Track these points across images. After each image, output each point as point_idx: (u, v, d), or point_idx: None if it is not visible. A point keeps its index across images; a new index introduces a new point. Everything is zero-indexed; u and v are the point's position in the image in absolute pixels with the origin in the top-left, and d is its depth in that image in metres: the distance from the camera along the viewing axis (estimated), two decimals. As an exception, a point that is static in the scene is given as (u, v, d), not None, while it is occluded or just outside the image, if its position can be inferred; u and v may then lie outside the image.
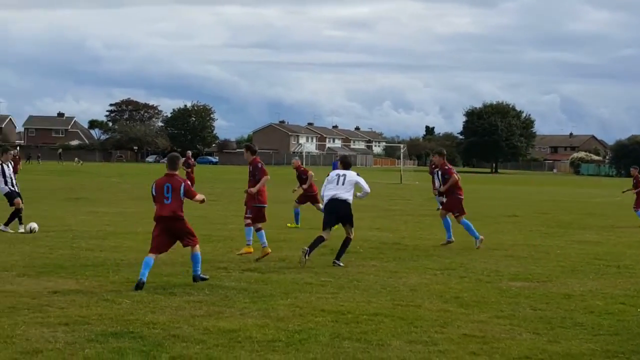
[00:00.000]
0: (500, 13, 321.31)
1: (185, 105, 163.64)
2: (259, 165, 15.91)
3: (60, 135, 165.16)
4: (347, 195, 15.73)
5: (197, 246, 12.63)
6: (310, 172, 24.12)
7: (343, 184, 15.72)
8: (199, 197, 12.86)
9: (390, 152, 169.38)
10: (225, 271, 13.86)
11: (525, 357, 8.59)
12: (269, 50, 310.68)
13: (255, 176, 15.85)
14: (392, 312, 10.69)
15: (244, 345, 8.69)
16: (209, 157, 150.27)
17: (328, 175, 16.15)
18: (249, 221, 15.78)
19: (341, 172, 16.08)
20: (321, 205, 21.16)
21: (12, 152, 27.17)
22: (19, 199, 19.78)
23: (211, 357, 8.15)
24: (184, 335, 9.06)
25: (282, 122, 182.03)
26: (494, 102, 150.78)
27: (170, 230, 12.52)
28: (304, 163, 31.94)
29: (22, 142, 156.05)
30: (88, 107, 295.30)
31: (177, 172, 12.73)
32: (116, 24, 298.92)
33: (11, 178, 20.01)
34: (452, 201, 18.92)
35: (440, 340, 9.21)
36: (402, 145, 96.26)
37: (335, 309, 10.79)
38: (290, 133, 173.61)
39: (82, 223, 22.03)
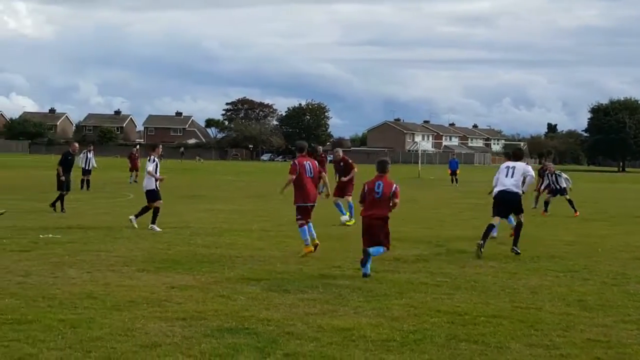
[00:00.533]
0: (628, 4, 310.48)
1: (300, 104, 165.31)
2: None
3: (178, 134, 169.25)
4: (516, 187, 16.49)
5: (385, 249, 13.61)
6: (355, 169, 23.77)
7: (512, 176, 16.49)
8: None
9: (511, 150, 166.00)
10: (339, 269, 13.90)
11: (653, 363, 8.30)
12: (382, 47, 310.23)
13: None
14: (511, 314, 10.48)
15: (358, 344, 8.69)
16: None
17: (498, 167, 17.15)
18: (302, 222, 15.80)
19: (511, 164, 16.91)
20: (350, 199, 22.68)
21: (134, 149, 28.28)
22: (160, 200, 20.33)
23: (325, 355, 8.18)
24: (298, 332, 9.13)
25: (398, 120, 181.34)
26: (622, 98, 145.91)
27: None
28: (419, 161, 31.86)
29: (142, 140, 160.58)
30: (205, 106, 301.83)
31: (387, 175, 13.68)
32: (231, 23, 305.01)
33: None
34: None
35: (562, 344, 8.97)
36: (522, 144, 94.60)
37: (452, 309, 10.67)
38: (405, 131, 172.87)
39: (199, 220, 22.51)
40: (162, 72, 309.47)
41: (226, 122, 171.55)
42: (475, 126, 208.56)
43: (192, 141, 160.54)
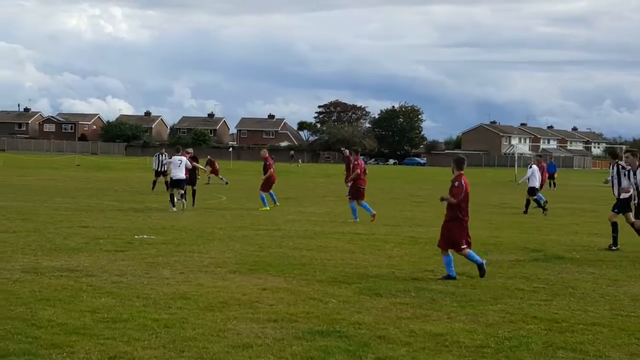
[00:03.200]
0: None
1: (393, 106, 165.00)
2: None
3: (270, 137, 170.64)
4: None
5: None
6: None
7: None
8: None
9: (612, 153, 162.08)
10: (432, 273, 13.82)
11: None
12: (478, 48, 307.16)
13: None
14: (611, 322, 10.23)
15: (451, 350, 8.62)
16: (417, 159, 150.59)
17: None
18: None
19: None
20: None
21: (188, 150, 28.70)
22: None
23: (418, 359, 8.16)
24: (389, 336, 9.10)
25: (493, 122, 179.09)
26: None
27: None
28: (515, 165, 31.33)
29: (235, 143, 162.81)
30: (297, 108, 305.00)
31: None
32: (323, 26, 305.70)
33: None
34: None
35: (664, 354, 8.73)
36: (624, 147, 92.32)
37: (549, 316, 10.48)
38: (501, 134, 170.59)
39: (290, 223, 22.65)
40: (255, 75, 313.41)
41: (318, 125, 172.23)
42: (574, 129, 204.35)
43: (284, 144, 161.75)
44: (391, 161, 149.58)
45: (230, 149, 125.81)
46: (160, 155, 36.51)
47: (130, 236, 17.81)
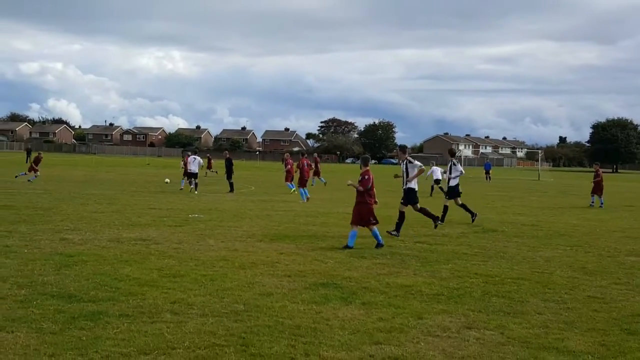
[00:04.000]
0: (619, 49, 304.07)
1: (374, 122, 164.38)
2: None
3: (286, 144, 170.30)
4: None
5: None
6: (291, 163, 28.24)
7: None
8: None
9: (531, 156, 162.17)
10: (402, 242, 13.79)
11: (637, 314, 7.97)
12: (435, 80, 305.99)
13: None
14: (530, 277, 10.23)
15: (416, 297, 8.61)
16: (391, 159, 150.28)
17: None
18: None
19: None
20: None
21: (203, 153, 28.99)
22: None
23: (392, 304, 8.12)
24: (371, 287, 9.10)
25: (446, 133, 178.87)
26: (615, 118, 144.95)
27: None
28: (462, 163, 31.36)
29: (261, 148, 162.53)
30: (305, 123, 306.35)
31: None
32: (325, 65, 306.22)
33: None
34: None
35: (568, 300, 8.72)
36: (540, 151, 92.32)
37: (486, 273, 10.47)
38: (452, 142, 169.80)
39: (302, 206, 22.63)
40: (275, 99, 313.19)
41: (320, 135, 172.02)
42: (504, 138, 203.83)
43: (296, 149, 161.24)
44: (373, 161, 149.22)
45: (257, 153, 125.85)
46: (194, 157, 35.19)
47: (185, 215, 17.81)
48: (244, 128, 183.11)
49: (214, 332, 6.59)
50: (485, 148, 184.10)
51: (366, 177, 12.84)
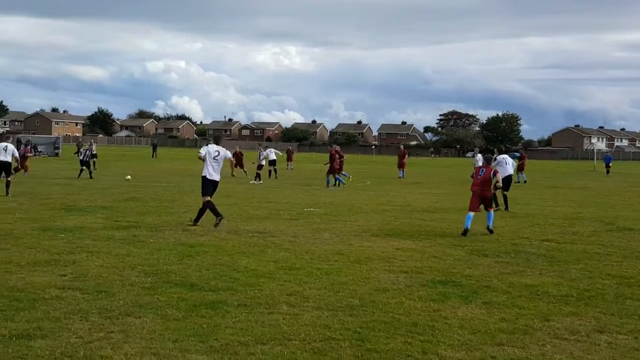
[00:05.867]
0: None
1: (497, 114, 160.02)
2: None
3: (403, 138, 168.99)
4: None
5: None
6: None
7: None
8: None
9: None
10: (528, 240, 13.35)
11: None
12: (563, 69, 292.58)
13: None
14: (671, 281, 9.60)
15: (542, 298, 8.32)
16: (514, 153, 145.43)
17: None
18: None
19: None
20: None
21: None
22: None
23: (515, 304, 7.89)
24: (493, 286, 8.88)
25: (577, 125, 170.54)
26: None
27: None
28: (594, 158, 30.08)
29: (377, 142, 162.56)
30: (423, 117, 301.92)
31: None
32: (442, 55, 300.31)
33: None
34: None
35: None
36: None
37: (620, 274, 9.93)
38: (583, 135, 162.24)
39: (417, 201, 22.44)
40: (391, 92, 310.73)
41: (439, 129, 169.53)
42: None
43: (413, 143, 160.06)
44: (476, 149, 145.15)
45: (373, 147, 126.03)
46: (268, 149, 34.21)
47: (301, 209, 18.15)
48: (359, 122, 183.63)
49: (329, 326, 6.69)
50: (621, 141, 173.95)
51: (492, 171, 14.29)
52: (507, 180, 19.49)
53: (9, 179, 19.98)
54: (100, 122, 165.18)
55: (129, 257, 10.11)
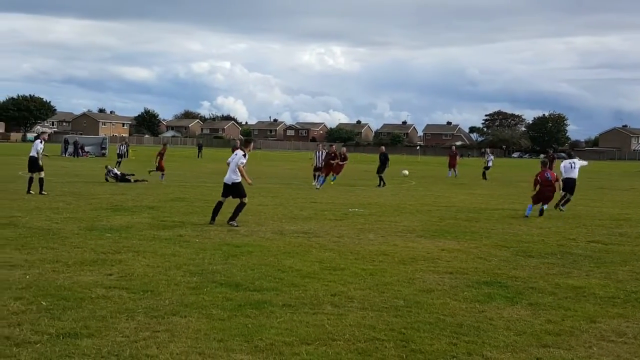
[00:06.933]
0: None
1: (544, 115, 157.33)
2: None
3: (448, 138, 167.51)
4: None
5: None
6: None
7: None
8: None
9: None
10: (574, 242, 13.09)
11: None
12: (610, 69, 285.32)
13: None
14: None
15: (589, 299, 8.14)
16: (561, 154, 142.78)
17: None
18: None
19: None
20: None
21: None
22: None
23: (561, 306, 7.75)
24: (539, 287, 8.73)
25: (625, 126, 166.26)
26: None
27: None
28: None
29: (422, 142, 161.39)
30: (468, 117, 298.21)
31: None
32: (488, 55, 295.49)
33: None
34: None
35: None
36: None
37: (670, 277, 9.65)
38: (631, 135, 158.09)
39: (462, 201, 22.20)
40: (436, 92, 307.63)
41: (485, 129, 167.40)
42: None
43: (458, 143, 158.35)
44: (542, 156, 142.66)
45: (418, 147, 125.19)
46: (318, 152, 31.56)
47: (345, 209, 18.12)
48: (404, 122, 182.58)
49: (374, 326, 6.67)
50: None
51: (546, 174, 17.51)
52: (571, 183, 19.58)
53: (41, 175, 19.80)
54: (146, 123, 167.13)
55: (175, 256, 10.20)
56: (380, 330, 6.56)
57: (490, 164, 38.97)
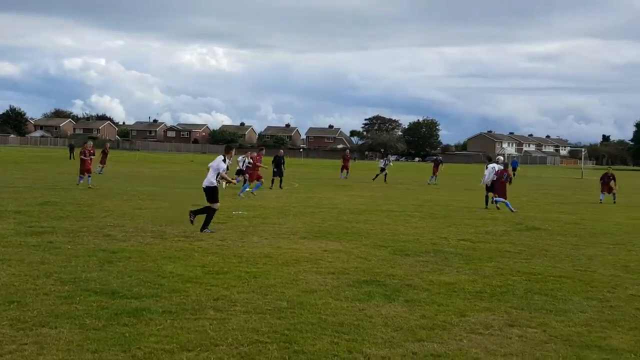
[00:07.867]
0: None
1: (418, 120, 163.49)
2: None
3: (330, 141, 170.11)
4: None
5: None
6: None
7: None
8: None
9: (574, 154, 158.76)
10: (446, 240, 13.65)
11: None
12: (478, 78, 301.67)
13: None
14: (573, 275, 10.04)
15: (459, 294, 8.51)
16: (432, 157, 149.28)
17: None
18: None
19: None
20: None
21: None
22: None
23: (435, 301, 8.05)
24: (415, 285, 9.02)
25: (490, 131, 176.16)
26: None
27: None
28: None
29: (305, 145, 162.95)
30: (349, 120, 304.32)
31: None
32: (368, 62, 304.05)
33: None
34: None
35: (611, 298, 8.56)
36: (583, 149, 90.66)
37: (528, 271, 10.30)
38: (495, 140, 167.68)
39: (344, 203, 22.55)
40: (319, 96, 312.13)
41: (364, 133, 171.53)
42: (547, 137, 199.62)
43: (340, 146, 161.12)
44: (416, 159, 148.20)
45: (301, 150, 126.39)
46: (245, 157, 33.33)
47: (229, 212, 17.89)
48: (288, 125, 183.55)
49: (257, 329, 6.60)
50: (529, 146, 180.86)
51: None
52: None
53: None
54: (12, 122, 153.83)
55: (44, 264, 9.53)
56: (263, 332, 6.50)
57: (383, 165, 39.16)
